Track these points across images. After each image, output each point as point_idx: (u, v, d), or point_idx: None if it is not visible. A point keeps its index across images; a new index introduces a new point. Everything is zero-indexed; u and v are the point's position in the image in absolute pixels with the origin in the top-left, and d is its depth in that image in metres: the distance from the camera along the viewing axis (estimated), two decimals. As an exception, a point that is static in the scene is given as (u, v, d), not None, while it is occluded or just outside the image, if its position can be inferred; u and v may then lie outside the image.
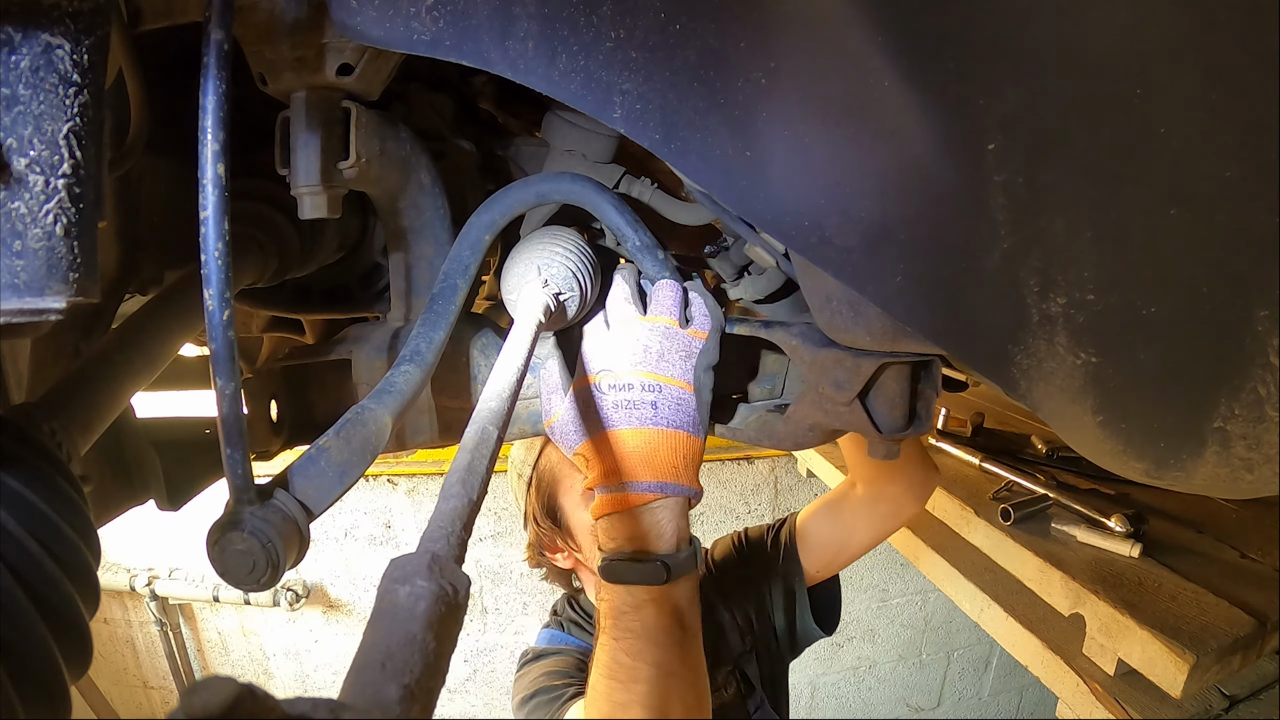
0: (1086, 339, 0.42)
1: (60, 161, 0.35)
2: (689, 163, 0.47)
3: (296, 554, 0.45)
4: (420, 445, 0.76)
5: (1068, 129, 0.37)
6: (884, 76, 0.40)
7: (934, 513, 1.78)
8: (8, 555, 0.35)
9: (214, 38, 0.40)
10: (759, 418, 0.74)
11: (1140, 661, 1.19)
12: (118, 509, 0.65)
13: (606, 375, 0.67)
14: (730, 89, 0.44)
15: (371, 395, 0.52)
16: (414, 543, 0.91)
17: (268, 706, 0.17)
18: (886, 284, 0.45)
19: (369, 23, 0.50)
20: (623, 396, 0.66)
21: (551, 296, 0.65)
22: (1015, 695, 4.17)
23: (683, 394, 0.66)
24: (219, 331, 0.41)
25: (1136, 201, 0.38)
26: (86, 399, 0.48)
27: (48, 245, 0.35)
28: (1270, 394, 0.40)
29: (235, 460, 0.42)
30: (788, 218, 0.46)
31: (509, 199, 0.68)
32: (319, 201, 0.58)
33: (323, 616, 3.33)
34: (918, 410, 0.67)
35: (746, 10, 0.42)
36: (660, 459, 0.66)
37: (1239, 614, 1.22)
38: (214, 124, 0.40)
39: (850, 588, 3.64)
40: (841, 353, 0.63)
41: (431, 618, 0.28)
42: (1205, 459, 0.44)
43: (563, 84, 0.48)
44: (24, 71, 0.34)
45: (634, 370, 0.66)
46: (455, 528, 0.35)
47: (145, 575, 3.16)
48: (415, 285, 0.73)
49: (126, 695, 3.51)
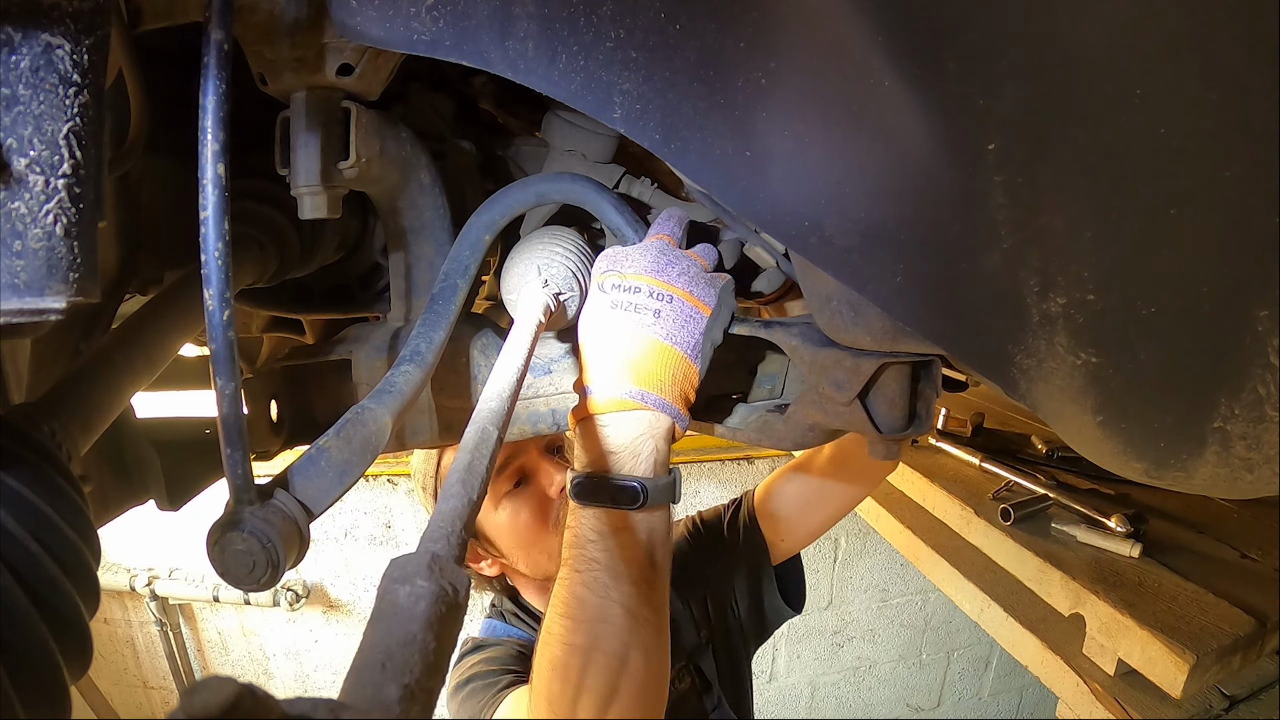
0: (1086, 339, 0.42)
1: (60, 161, 0.35)
2: (689, 163, 0.47)
3: (296, 554, 0.45)
4: (420, 445, 0.76)
5: (1068, 129, 0.37)
6: (884, 76, 0.40)
7: (934, 513, 1.78)
8: (8, 555, 0.35)
9: (214, 38, 0.40)
10: (759, 418, 0.74)
11: (1140, 661, 1.19)
12: (118, 509, 0.65)
13: (611, 275, 0.63)
14: (730, 89, 0.44)
15: (371, 395, 0.52)
16: (414, 543, 0.90)
17: (268, 706, 0.17)
18: (886, 284, 0.45)
19: (369, 23, 0.50)
20: (625, 297, 0.61)
21: (551, 296, 0.65)
22: (1015, 695, 4.17)
23: (695, 311, 0.61)
24: (219, 331, 0.41)
25: (1136, 201, 0.38)
26: (86, 399, 0.48)
27: (48, 245, 0.35)
28: (1270, 394, 0.40)
29: (235, 460, 0.42)
30: (788, 218, 0.46)
31: (509, 199, 0.68)
32: (319, 201, 0.58)
33: (323, 616, 3.32)
34: (918, 410, 0.67)
35: (746, 10, 0.42)
36: (647, 368, 0.60)
37: (1239, 614, 1.22)
38: (214, 124, 0.40)
39: (850, 588, 3.66)
40: (841, 353, 0.63)
41: (431, 618, 0.28)
42: (1205, 459, 0.44)
43: (563, 84, 0.48)
44: (24, 71, 0.34)
45: (644, 274, 0.61)
46: (455, 528, 0.35)
47: (145, 575, 3.15)
48: (415, 285, 0.73)
49: (126, 695, 3.51)
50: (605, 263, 0.65)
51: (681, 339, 0.61)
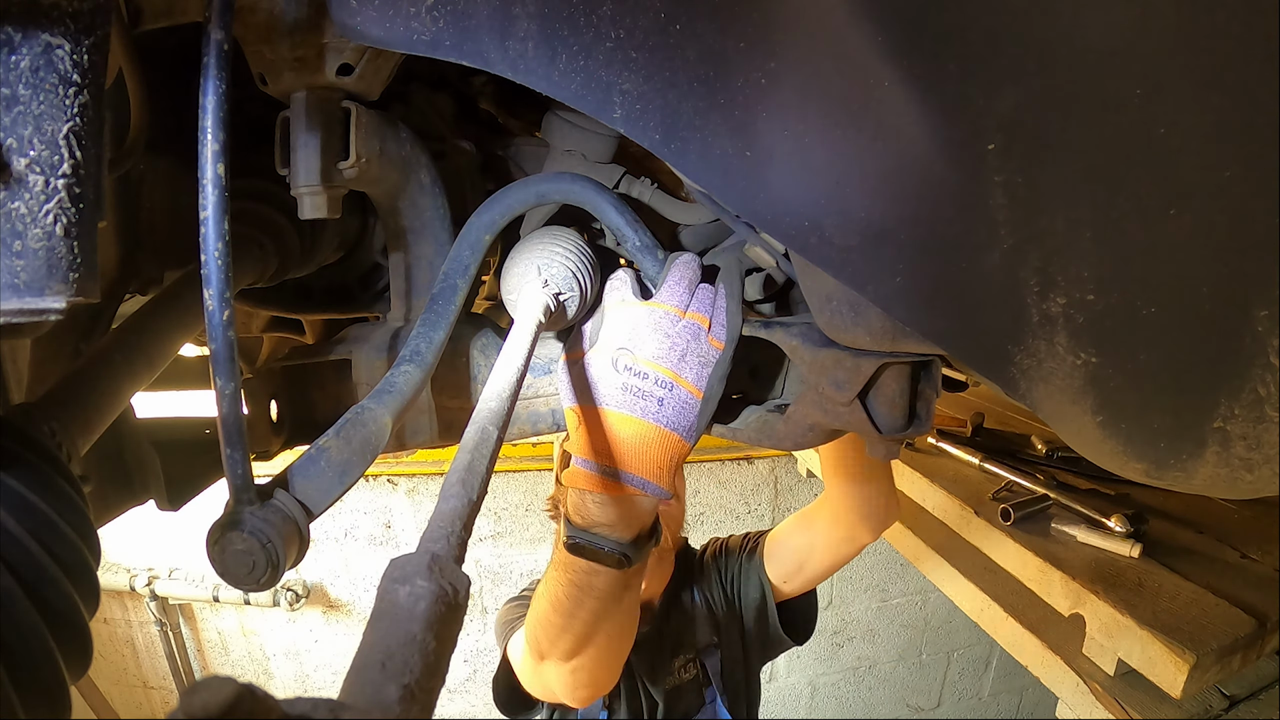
0: (1086, 339, 0.42)
1: (60, 161, 0.35)
2: (689, 163, 0.47)
3: (296, 554, 0.45)
4: (420, 445, 0.76)
5: (1068, 129, 0.37)
6: (884, 76, 0.40)
7: (934, 513, 1.78)
8: (8, 555, 0.35)
9: (214, 38, 0.40)
10: (759, 418, 0.74)
11: (1140, 661, 1.19)
12: (118, 509, 0.65)
13: (625, 355, 0.66)
14: (730, 89, 0.44)
15: (371, 395, 0.52)
16: (414, 543, 0.91)
17: (268, 706, 0.17)
18: (886, 284, 0.45)
19: (369, 23, 0.50)
20: (634, 382, 0.66)
21: (551, 296, 0.65)
22: (1015, 695, 4.17)
23: (690, 398, 0.66)
24: (219, 331, 0.41)
25: (1136, 201, 0.38)
26: (86, 399, 0.48)
27: (48, 245, 0.35)
28: (1270, 394, 0.40)
29: (235, 460, 0.42)
30: (788, 218, 0.46)
31: (509, 199, 0.68)
32: (319, 201, 0.58)
33: (323, 616, 3.32)
34: (918, 410, 0.66)
35: (746, 10, 0.42)
36: (651, 456, 0.67)
37: (1239, 614, 1.22)
38: (214, 124, 0.40)
39: (850, 588, 3.66)
40: (841, 353, 0.63)
41: (431, 618, 0.28)
42: (1205, 459, 0.44)
43: (563, 84, 0.48)
44: (24, 71, 0.34)
45: (653, 361, 0.66)
46: (455, 528, 0.35)
47: (145, 575, 3.15)
48: (415, 285, 0.73)
49: (126, 695, 3.51)
50: (623, 337, 0.67)
51: (680, 424, 0.67)
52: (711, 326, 0.67)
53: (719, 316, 0.68)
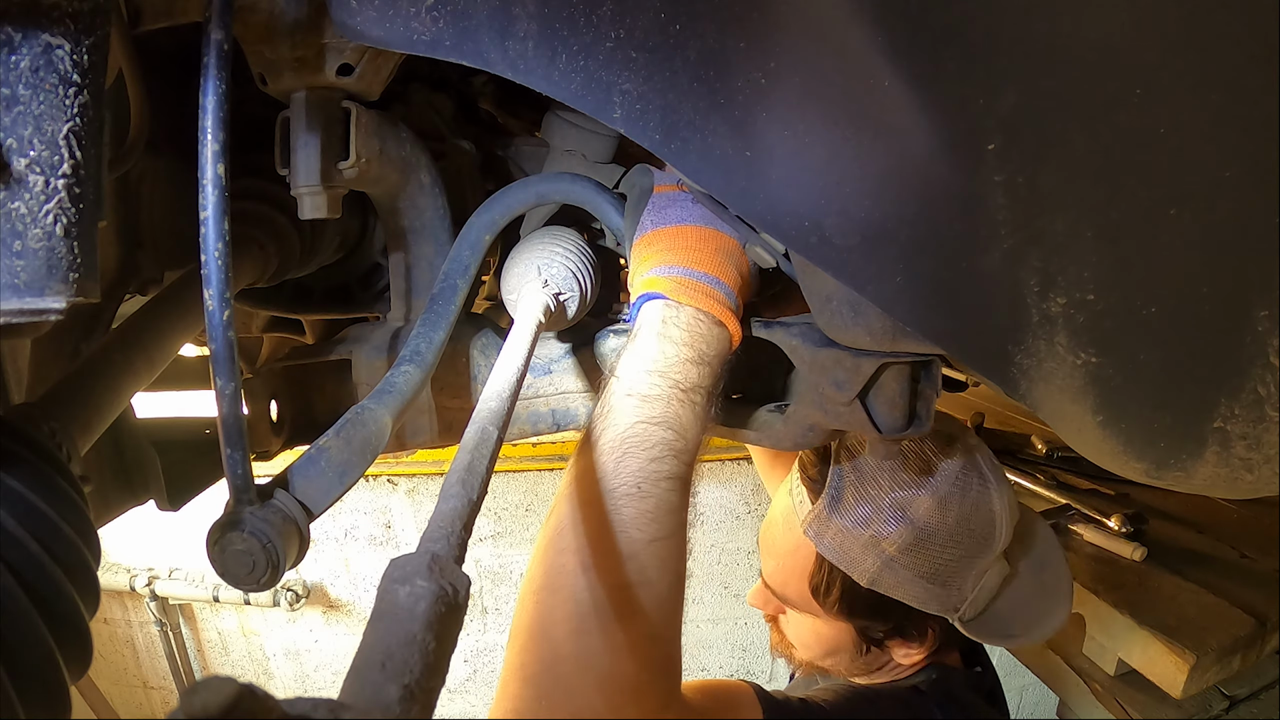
0: (1086, 339, 0.42)
1: (60, 161, 0.35)
2: (689, 163, 0.47)
3: (296, 554, 0.45)
4: (420, 445, 0.76)
5: (1068, 129, 0.37)
6: (884, 76, 0.40)
7: (934, 513, 1.78)
8: (8, 555, 0.35)
9: (214, 38, 0.40)
10: (759, 418, 0.74)
11: (1140, 661, 1.19)
12: (118, 509, 0.65)
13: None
14: (730, 89, 0.44)
15: (371, 395, 0.52)
16: (414, 543, 0.90)
17: (268, 706, 0.17)
18: (886, 284, 0.45)
19: (369, 23, 0.50)
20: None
21: (551, 296, 0.65)
22: (1015, 695, 4.15)
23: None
24: (219, 331, 0.41)
25: (1136, 201, 0.38)
26: (86, 399, 0.48)
27: (48, 245, 0.35)
28: (1270, 394, 0.40)
29: (235, 460, 0.42)
30: (788, 218, 0.46)
31: (509, 199, 0.68)
32: (319, 201, 0.58)
33: (323, 616, 3.32)
34: (918, 410, 0.66)
35: (746, 10, 0.42)
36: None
37: (1239, 614, 1.22)
38: (214, 124, 0.40)
39: (850, 588, 3.65)
40: (841, 353, 0.63)
41: (431, 618, 0.28)
42: (1205, 459, 0.44)
43: (563, 84, 0.48)
44: (24, 71, 0.34)
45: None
46: (455, 528, 0.35)
47: (145, 575, 3.15)
48: (415, 285, 0.73)
49: (126, 695, 3.51)
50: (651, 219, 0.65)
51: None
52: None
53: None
